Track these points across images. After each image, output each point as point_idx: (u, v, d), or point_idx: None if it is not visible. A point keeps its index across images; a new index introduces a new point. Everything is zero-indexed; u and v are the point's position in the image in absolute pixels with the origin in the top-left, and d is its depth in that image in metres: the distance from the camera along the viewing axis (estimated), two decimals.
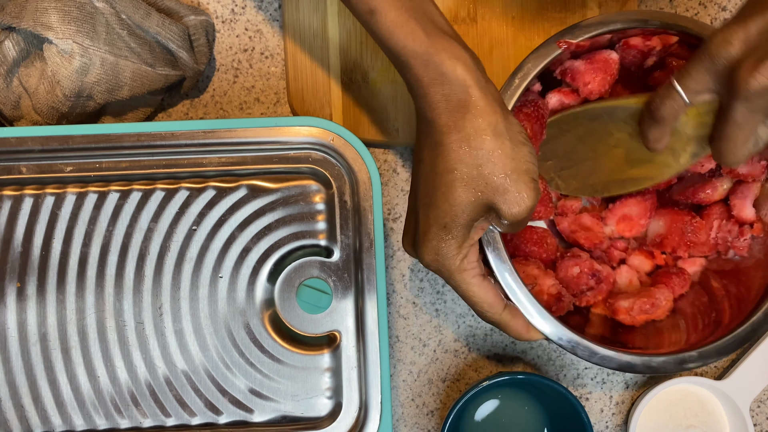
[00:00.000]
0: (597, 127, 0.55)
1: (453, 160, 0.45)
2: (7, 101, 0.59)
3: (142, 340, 0.56)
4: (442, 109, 0.45)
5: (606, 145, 0.55)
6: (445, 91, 0.45)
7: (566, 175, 0.58)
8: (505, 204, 0.45)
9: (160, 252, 0.56)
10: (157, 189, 0.57)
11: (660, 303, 0.58)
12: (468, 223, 0.46)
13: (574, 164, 0.58)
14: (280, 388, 0.56)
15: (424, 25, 0.46)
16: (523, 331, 0.51)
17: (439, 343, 0.65)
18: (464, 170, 0.45)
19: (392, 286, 0.65)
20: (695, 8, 0.68)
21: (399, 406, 0.65)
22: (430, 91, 0.46)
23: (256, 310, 0.56)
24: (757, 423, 0.67)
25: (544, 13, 0.64)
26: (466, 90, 0.45)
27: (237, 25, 0.65)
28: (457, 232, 0.46)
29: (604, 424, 0.66)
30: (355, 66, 0.63)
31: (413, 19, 0.46)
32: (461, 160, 0.45)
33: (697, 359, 0.53)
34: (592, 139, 0.56)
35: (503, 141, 0.45)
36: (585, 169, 0.57)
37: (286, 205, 0.57)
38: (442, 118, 0.45)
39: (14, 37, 0.57)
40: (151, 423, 0.55)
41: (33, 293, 0.55)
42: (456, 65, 0.45)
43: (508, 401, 0.64)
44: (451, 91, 0.45)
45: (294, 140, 0.56)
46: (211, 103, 0.65)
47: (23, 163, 0.56)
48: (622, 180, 0.56)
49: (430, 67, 0.45)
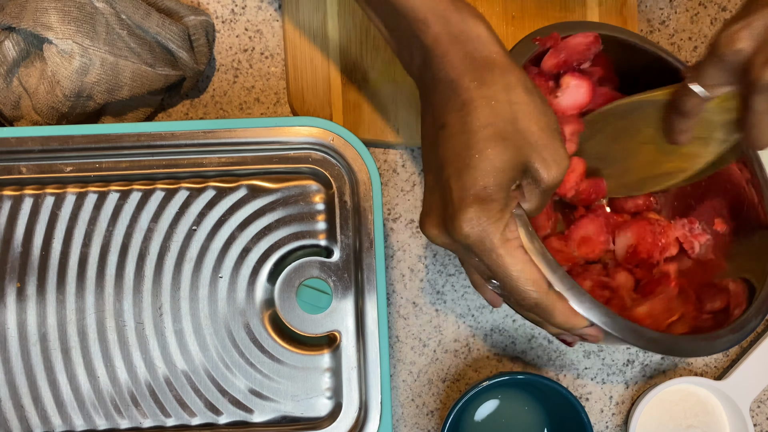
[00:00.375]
0: (627, 125, 0.55)
1: (487, 116, 0.42)
2: (7, 101, 0.58)
3: (142, 340, 0.56)
4: (466, 67, 0.43)
5: (636, 142, 0.55)
6: (468, 48, 0.43)
7: (602, 176, 0.58)
8: (544, 162, 0.42)
9: (160, 252, 0.56)
10: (157, 189, 0.57)
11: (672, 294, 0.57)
12: (508, 185, 0.43)
13: (608, 165, 0.57)
14: (280, 389, 0.56)
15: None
16: (570, 315, 0.45)
17: (439, 343, 0.65)
18: (500, 125, 0.42)
19: (392, 286, 0.65)
20: (695, 8, 0.68)
21: (399, 406, 0.65)
22: (451, 49, 0.43)
23: (256, 310, 0.56)
24: (757, 423, 0.67)
25: (544, 12, 0.64)
26: (489, 47, 0.43)
27: (237, 25, 0.65)
28: (498, 193, 0.42)
29: (604, 424, 0.66)
30: (355, 66, 0.63)
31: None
32: (496, 115, 0.42)
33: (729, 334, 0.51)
34: (623, 137, 0.56)
35: (534, 97, 0.43)
36: (619, 169, 0.57)
37: (286, 205, 0.57)
38: (467, 76, 0.43)
39: (14, 37, 0.57)
40: (151, 423, 0.55)
41: (33, 293, 0.55)
42: (477, 23, 0.44)
43: (508, 401, 0.64)
44: (474, 48, 0.43)
45: (294, 140, 0.56)
46: (211, 103, 0.65)
47: (23, 163, 0.56)
48: (655, 176, 0.56)
49: (451, 24, 0.43)
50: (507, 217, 0.43)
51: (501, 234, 0.42)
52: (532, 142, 0.42)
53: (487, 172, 0.42)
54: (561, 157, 0.43)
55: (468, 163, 0.42)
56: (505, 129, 0.42)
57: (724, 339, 0.51)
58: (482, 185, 0.42)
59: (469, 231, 0.42)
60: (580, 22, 0.57)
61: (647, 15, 0.68)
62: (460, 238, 0.43)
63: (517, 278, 0.43)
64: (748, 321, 0.52)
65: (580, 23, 0.57)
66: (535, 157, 0.42)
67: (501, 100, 0.42)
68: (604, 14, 0.65)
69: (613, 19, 0.65)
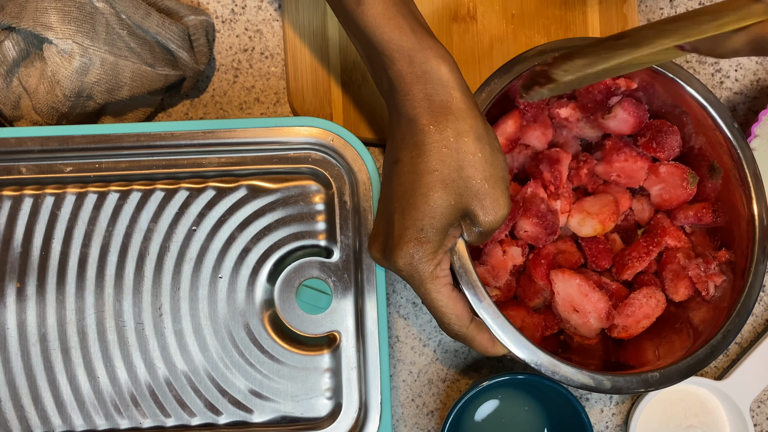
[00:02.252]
0: None
1: (434, 161, 0.45)
2: (7, 101, 0.58)
3: (141, 340, 0.56)
4: (424, 108, 0.45)
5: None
6: (428, 90, 0.45)
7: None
8: (483, 210, 0.45)
9: (159, 252, 0.56)
10: (157, 189, 0.57)
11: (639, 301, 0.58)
12: (445, 228, 0.46)
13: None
14: (280, 389, 0.56)
15: (410, 21, 0.46)
16: (489, 346, 0.50)
17: (439, 343, 0.65)
18: (445, 171, 0.45)
19: (392, 286, 0.65)
20: (695, 8, 0.68)
21: (399, 406, 0.65)
22: (413, 88, 0.45)
23: (256, 310, 0.56)
24: (757, 423, 0.67)
25: (543, 11, 0.64)
26: (448, 91, 0.45)
27: (237, 25, 0.65)
28: (434, 236, 0.46)
29: (604, 424, 0.66)
30: (354, 65, 0.63)
31: (400, 14, 0.46)
32: (443, 161, 0.45)
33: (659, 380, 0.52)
34: None
35: (483, 146, 0.45)
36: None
37: (286, 206, 0.57)
38: (424, 117, 0.45)
39: (14, 37, 0.57)
40: (151, 423, 0.55)
41: (33, 293, 0.55)
42: (441, 65, 0.45)
43: (508, 401, 0.64)
44: (433, 90, 0.45)
45: (294, 140, 0.56)
46: (211, 103, 0.65)
47: (23, 163, 0.56)
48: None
49: (414, 64, 0.45)
50: (440, 257, 0.47)
51: (431, 272, 0.46)
52: (474, 191, 0.45)
53: (426, 214, 0.45)
54: (500, 206, 0.46)
55: (411, 203, 0.45)
56: (449, 176, 0.45)
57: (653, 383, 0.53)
58: (420, 227, 0.45)
59: (402, 265, 0.46)
60: (579, 39, 0.56)
61: (647, 14, 0.68)
62: (395, 270, 0.47)
63: (442, 313, 0.48)
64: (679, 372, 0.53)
65: (579, 39, 0.56)
66: (476, 204, 0.45)
67: (450, 147, 0.45)
68: (604, 12, 0.65)
69: (614, 16, 0.65)
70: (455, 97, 0.45)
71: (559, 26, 0.65)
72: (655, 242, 0.59)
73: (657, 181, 0.59)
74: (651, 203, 0.61)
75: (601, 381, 0.51)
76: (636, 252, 0.59)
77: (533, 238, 0.58)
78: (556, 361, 0.51)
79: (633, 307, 0.57)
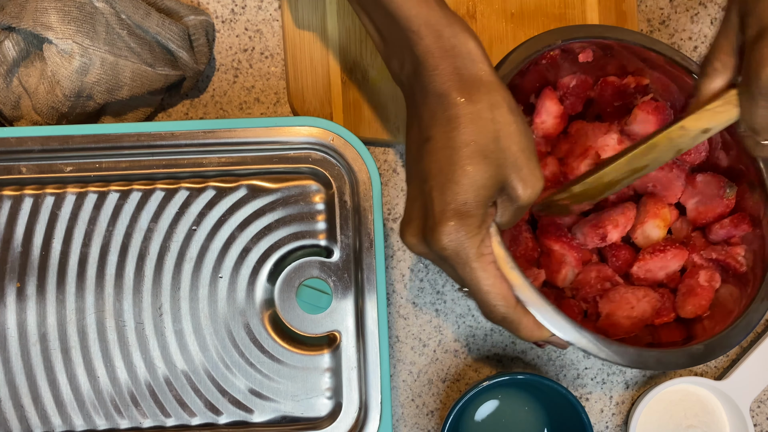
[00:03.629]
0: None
1: (471, 133, 0.43)
2: (7, 101, 0.58)
3: (141, 340, 0.56)
4: (455, 82, 0.44)
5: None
6: (458, 64, 0.44)
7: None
8: (522, 181, 0.44)
9: (160, 252, 0.56)
10: (157, 189, 0.57)
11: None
12: (487, 201, 0.44)
13: None
14: (280, 389, 0.56)
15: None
16: (534, 329, 0.47)
17: (439, 343, 0.65)
18: (482, 142, 0.43)
19: (392, 286, 0.65)
20: (695, 8, 0.68)
21: (399, 406, 0.65)
22: (442, 63, 0.44)
23: (256, 310, 0.56)
24: (757, 423, 0.67)
25: (543, 9, 0.64)
26: (477, 65, 0.44)
27: (237, 25, 0.65)
28: (477, 209, 0.44)
29: (604, 424, 0.66)
30: (355, 65, 0.63)
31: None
32: (479, 132, 0.43)
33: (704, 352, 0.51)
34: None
35: (516, 117, 0.44)
36: None
37: (286, 205, 0.57)
38: (455, 91, 0.44)
39: (14, 37, 0.57)
40: (151, 423, 0.55)
41: (33, 293, 0.55)
42: (468, 39, 0.44)
43: (508, 401, 0.64)
44: (463, 64, 0.44)
45: (294, 140, 0.56)
46: (211, 103, 0.65)
47: (23, 163, 0.56)
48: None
49: (443, 38, 0.44)
50: (483, 233, 0.44)
51: (476, 249, 0.44)
52: (512, 161, 0.44)
53: (468, 187, 0.43)
54: (537, 177, 0.44)
55: (450, 178, 0.43)
56: (487, 147, 0.43)
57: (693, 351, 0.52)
58: (462, 200, 0.43)
59: (447, 243, 0.44)
60: (583, 26, 0.56)
61: (647, 15, 0.68)
62: (438, 249, 0.44)
63: (487, 292, 0.45)
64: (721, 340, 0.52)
65: (583, 27, 0.56)
66: (514, 176, 0.44)
67: (485, 119, 0.43)
68: (603, 10, 0.65)
69: (613, 14, 0.65)
70: (484, 70, 0.44)
71: (559, 24, 0.65)
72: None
73: (693, 193, 0.58)
74: (688, 221, 0.60)
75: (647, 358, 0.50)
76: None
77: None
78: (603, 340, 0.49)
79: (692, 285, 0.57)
